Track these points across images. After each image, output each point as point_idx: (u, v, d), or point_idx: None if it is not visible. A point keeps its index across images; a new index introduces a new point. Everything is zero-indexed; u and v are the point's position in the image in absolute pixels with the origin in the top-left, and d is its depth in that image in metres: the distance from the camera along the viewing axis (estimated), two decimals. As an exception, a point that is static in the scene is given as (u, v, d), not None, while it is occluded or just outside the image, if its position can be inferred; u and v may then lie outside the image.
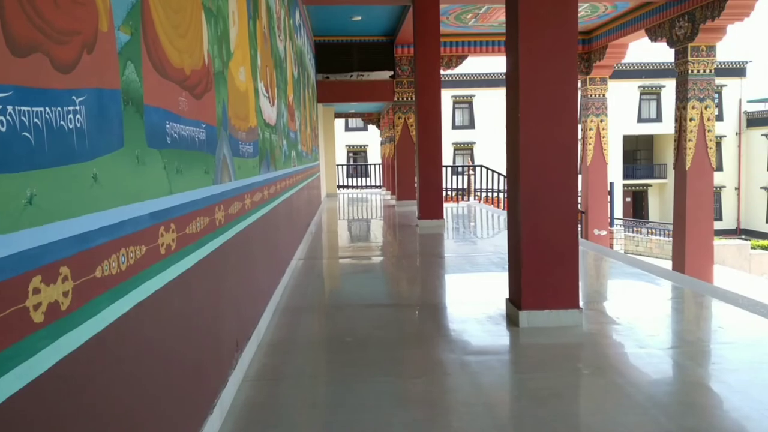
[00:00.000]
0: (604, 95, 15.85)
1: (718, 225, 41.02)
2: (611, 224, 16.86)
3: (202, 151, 3.01)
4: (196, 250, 2.82)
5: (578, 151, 14.65)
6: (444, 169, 13.62)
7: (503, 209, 16.92)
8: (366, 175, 30.94)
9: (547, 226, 4.94)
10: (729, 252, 21.90)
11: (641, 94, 41.48)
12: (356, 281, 6.82)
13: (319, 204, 14.63)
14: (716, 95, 42.70)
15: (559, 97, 4.92)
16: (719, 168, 41.46)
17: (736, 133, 41.82)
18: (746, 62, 42.27)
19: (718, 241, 25.38)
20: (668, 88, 40.93)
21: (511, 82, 5.07)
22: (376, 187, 25.33)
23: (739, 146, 41.84)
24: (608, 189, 16.27)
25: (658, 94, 41.14)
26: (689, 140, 12.00)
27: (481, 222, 12.66)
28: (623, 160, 41.90)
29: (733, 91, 41.60)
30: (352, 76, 15.63)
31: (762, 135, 40.03)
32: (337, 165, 23.79)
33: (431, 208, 11.13)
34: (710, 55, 11.97)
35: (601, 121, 15.88)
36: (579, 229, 16.31)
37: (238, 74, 4.10)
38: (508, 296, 5.26)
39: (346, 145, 43.19)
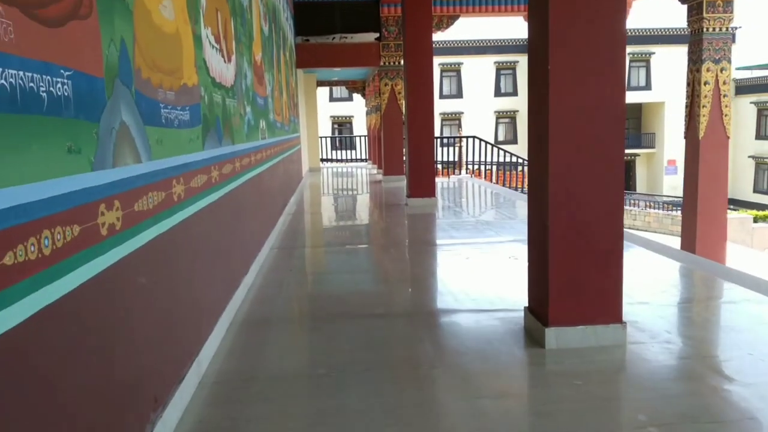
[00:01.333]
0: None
1: (760, 198, 39.86)
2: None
3: (58, 116, 1.74)
4: (45, 285, 1.58)
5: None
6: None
7: (497, 183, 15.70)
8: (351, 147, 29.56)
9: (586, 216, 3.70)
10: (731, 226, 20.91)
11: (630, 61, 40.14)
12: (337, 281, 5.57)
13: (299, 180, 13.34)
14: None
15: (603, 41, 3.65)
16: (764, 137, 40.29)
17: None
18: (736, 28, 40.92)
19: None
20: (658, 55, 39.70)
21: (537, 18, 3.75)
22: (362, 160, 24.00)
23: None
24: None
25: (648, 62, 39.87)
26: (703, 106, 10.53)
27: (476, 200, 11.42)
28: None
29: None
30: (334, 38, 14.24)
31: (751, 103, 38.89)
32: (321, 137, 22.43)
33: (422, 186, 9.88)
34: (727, 11, 10.46)
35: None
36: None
37: (158, 6, 2.80)
38: (527, 305, 4.05)
39: (331, 116, 41.68)
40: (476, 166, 17.80)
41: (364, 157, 24.25)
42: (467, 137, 16.92)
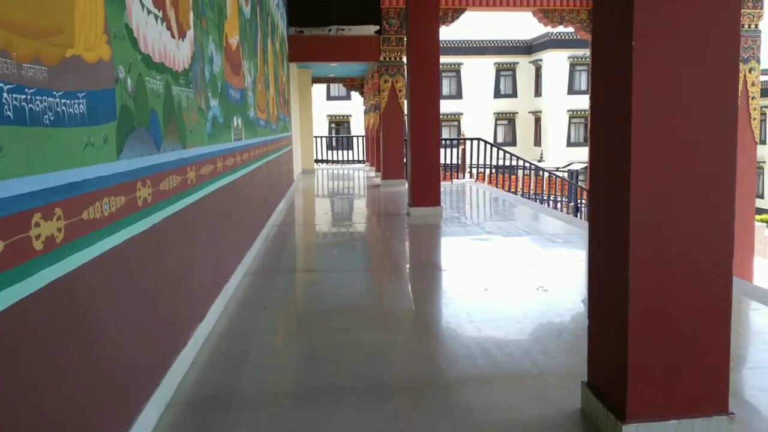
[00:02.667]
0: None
1: (759, 203, 38.73)
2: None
3: None
4: None
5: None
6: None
7: (503, 188, 14.48)
8: (348, 147, 28.33)
9: (684, 263, 2.50)
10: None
11: (633, 64, 38.93)
12: (324, 326, 4.30)
13: (290, 184, 12.11)
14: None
15: (711, 16, 2.44)
16: (762, 141, 39.23)
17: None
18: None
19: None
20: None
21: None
22: (359, 161, 22.74)
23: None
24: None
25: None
26: None
27: (485, 209, 10.19)
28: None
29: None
30: (330, 30, 12.99)
31: None
32: (316, 137, 21.18)
33: (426, 194, 8.65)
34: (756, 7, 9.75)
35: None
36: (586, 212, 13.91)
37: None
38: (587, 379, 2.84)
39: (328, 115, 40.39)
40: (478, 170, 16.61)
41: (361, 158, 23.02)
42: (471, 139, 15.69)
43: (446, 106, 39.35)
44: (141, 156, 2.62)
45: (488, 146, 15.21)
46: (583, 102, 38.66)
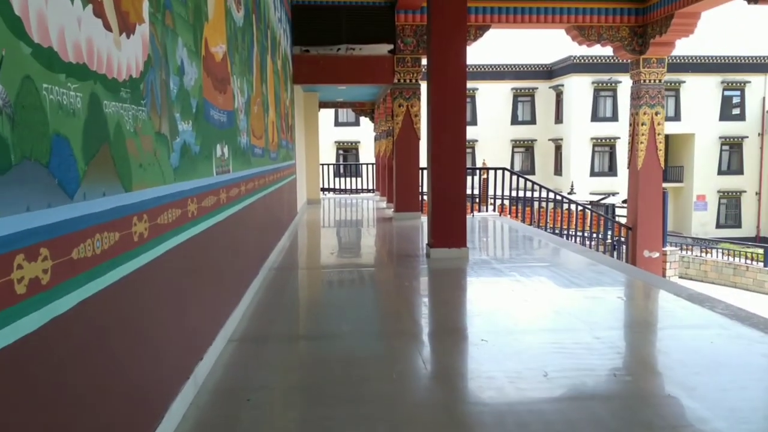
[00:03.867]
0: (660, 81, 12.40)
1: (736, 233, 37.91)
2: (664, 243, 13.42)
3: None
4: None
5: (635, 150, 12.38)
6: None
7: (530, 224, 13.45)
8: (357, 174, 27.43)
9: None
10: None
11: (658, 90, 38.05)
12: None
13: (293, 217, 11.15)
14: (738, 92, 39.66)
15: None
16: (739, 171, 38.32)
17: (759, 134, 38.52)
18: (771, 57, 38.98)
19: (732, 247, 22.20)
20: (689, 83, 37.64)
21: None
22: (368, 190, 21.81)
23: (762, 148, 38.55)
24: (663, 200, 12.80)
25: (677, 90, 37.77)
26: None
27: (518, 251, 9.10)
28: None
29: (756, 87, 38.29)
30: (339, 49, 12.11)
31: (789, 136, 36.78)
32: (322, 164, 20.28)
33: (449, 233, 7.65)
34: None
35: (657, 113, 12.43)
36: (623, 250, 12.87)
37: None
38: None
39: (336, 142, 39.63)
40: (500, 201, 15.62)
41: (370, 187, 22.09)
42: (495, 169, 14.71)
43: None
44: (25, 212, 1.64)
45: (513, 176, 14.20)
46: (608, 129, 37.80)
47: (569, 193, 32.55)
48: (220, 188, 4.29)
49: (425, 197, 14.67)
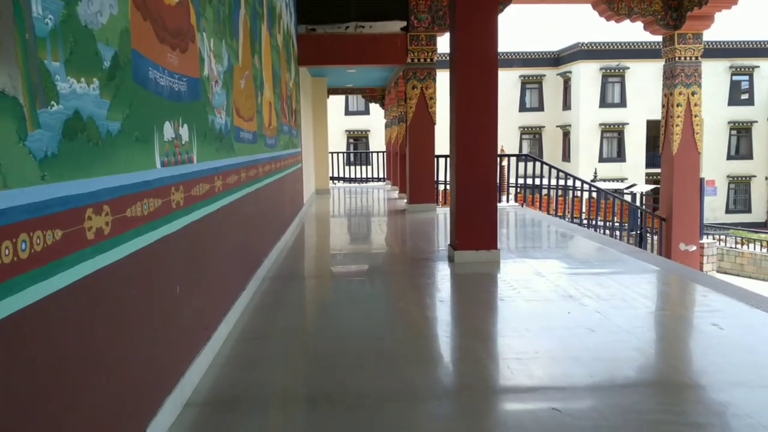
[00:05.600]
0: (697, 58, 10.82)
1: (746, 218, 36.22)
2: (701, 235, 11.89)
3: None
4: None
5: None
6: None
7: (553, 214, 11.92)
8: (367, 163, 25.89)
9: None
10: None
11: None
12: None
13: (298, 210, 9.70)
14: (747, 77, 37.74)
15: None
16: (749, 156, 36.55)
17: None
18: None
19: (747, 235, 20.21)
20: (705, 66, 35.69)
21: None
22: (379, 179, 20.28)
23: (771, 133, 36.74)
24: (699, 188, 11.24)
25: (686, 76, 35.83)
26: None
27: (555, 250, 7.61)
28: (645, 148, 36.90)
29: (765, 72, 36.42)
30: (348, 27, 10.58)
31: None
32: (331, 153, 18.79)
33: (477, 232, 6.17)
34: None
35: (693, 93, 10.86)
36: (657, 241, 11.34)
37: None
38: None
39: (346, 130, 38.06)
40: (518, 190, 14.11)
41: (381, 175, 20.58)
42: (517, 156, 13.19)
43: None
44: None
45: (536, 163, 12.65)
46: (616, 115, 36.10)
47: (593, 180, 30.85)
48: (171, 186, 2.83)
49: (441, 187, 13.22)
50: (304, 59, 10.63)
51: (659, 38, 11.20)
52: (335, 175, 19.99)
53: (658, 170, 37.52)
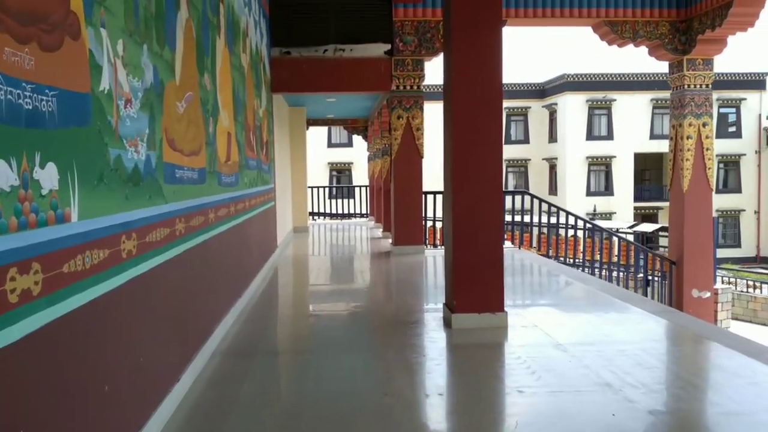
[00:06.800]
0: (708, 86, 9.84)
1: (736, 252, 35.44)
2: (714, 279, 10.84)
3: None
4: None
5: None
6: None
7: (562, 259, 10.84)
8: (350, 196, 24.74)
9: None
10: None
11: (653, 108, 35.70)
12: None
13: (270, 253, 8.52)
14: (734, 109, 37.31)
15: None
16: (737, 190, 35.89)
17: (756, 152, 36.14)
18: (766, 74, 36.68)
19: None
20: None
21: None
22: (362, 215, 19.12)
23: (759, 165, 36.16)
24: (713, 228, 10.21)
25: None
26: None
27: (569, 309, 6.51)
28: (633, 181, 36.19)
29: (752, 105, 35.99)
30: (326, 51, 9.52)
31: (789, 154, 34.39)
32: (313, 187, 17.66)
33: (480, 290, 5.03)
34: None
35: (704, 125, 9.86)
36: (668, 286, 10.28)
37: None
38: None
39: (329, 163, 37.01)
40: (518, 230, 13.00)
41: (364, 211, 19.43)
42: (514, 193, 12.16)
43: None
44: None
45: (534, 201, 11.57)
46: (603, 148, 35.40)
47: (592, 217, 29.83)
48: (10, 265, 1.68)
49: (428, 223, 12.07)
50: (277, 85, 9.54)
51: (648, 69, 10.43)
52: (316, 210, 18.81)
53: (647, 204, 37.09)
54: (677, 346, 4.63)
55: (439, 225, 12.18)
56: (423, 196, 10.36)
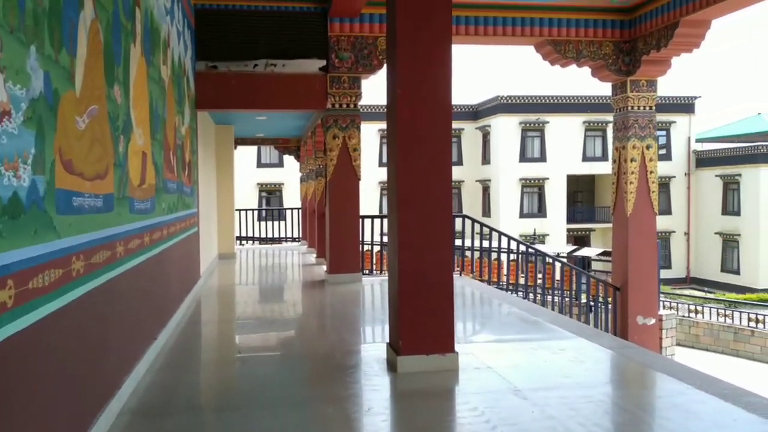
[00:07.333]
0: (651, 108, 9.82)
1: (667, 273, 36.28)
2: (659, 306, 10.74)
3: None
4: None
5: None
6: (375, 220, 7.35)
7: (504, 287, 10.57)
8: (281, 219, 24.08)
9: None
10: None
11: (585, 130, 36.46)
12: None
13: (191, 285, 7.90)
14: (664, 132, 38.49)
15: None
16: (667, 212, 36.90)
17: (685, 174, 37.34)
18: (695, 98, 38.09)
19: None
20: (611, 123, 36.06)
21: None
22: (293, 239, 18.51)
23: (689, 188, 37.35)
24: (657, 253, 10.13)
25: (604, 131, 36.12)
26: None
27: (523, 348, 6.16)
28: (566, 203, 36.79)
29: (681, 128, 37.25)
30: (257, 65, 9.01)
31: (716, 176, 35.55)
32: (240, 210, 16.99)
33: (430, 331, 4.61)
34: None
35: (648, 147, 9.81)
36: (612, 312, 10.14)
37: None
38: None
39: (258, 184, 36.19)
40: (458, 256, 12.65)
41: (295, 235, 18.83)
42: (453, 216, 11.80)
43: (381, 175, 35.52)
44: None
45: (470, 223, 11.28)
46: (536, 170, 35.87)
47: (533, 241, 29.88)
48: None
49: (366, 247, 11.62)
50: (203, 101, 8.96)
51: (581, 92, 10.36)
52: (244, 234, 18.10)
53: (580, 225, 37.72)
54: (644, 389, 4.32)
55: (376, 249, 11.76)
56: (360, 220, 9.93)
